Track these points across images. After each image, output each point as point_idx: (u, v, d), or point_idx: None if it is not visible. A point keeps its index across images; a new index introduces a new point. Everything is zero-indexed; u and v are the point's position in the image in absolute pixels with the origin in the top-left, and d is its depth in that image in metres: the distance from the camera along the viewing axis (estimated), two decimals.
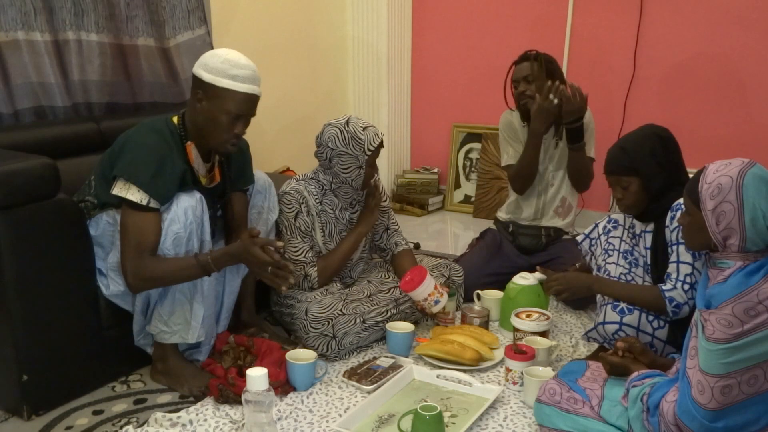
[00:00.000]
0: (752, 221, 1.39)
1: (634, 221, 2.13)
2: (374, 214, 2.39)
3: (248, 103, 1.91)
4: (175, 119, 1.98)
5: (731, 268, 1.41)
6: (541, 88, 2.60)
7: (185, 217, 1.89)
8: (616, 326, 1.98)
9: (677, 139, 2.02)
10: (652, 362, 1.66)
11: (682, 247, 1.88)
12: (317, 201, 2.30)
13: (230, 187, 2.15)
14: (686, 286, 1.88)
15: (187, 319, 1.97)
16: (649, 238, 2.07)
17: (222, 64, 1.86)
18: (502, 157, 2.86)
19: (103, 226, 1.99)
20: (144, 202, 1.85)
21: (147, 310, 2.01)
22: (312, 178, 2.34)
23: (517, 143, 2.80)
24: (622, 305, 2.00)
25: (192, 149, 1.97)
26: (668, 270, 1.93)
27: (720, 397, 1.35)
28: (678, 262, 1.90)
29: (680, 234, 1.84)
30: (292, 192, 2.28)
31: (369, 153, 2.22)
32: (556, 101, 2.54)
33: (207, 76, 1.87)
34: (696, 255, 1.85)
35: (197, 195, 1.94)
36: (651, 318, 1.97)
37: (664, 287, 1.91)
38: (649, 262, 2.06)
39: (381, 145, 2.27)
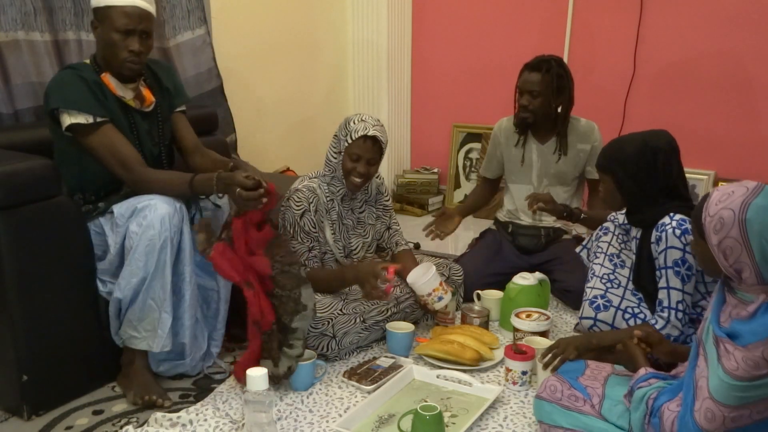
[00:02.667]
0: (763, 256, 1.29)
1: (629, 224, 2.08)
2: (368, 287, 2.12)
3: (134, 17, 1.95)
4: (87, 60, 2.07)
5: (755, 303, 1.31)
6: (546, 103, 2.57)
7: (161, 225, 1.87)
8: (591, 321, 1.99)
9: (677, 139, 1.95)
10: (672, 351, 1.63)
11: (671, 272, 1.83)
12: (328, 199, 2.29)
13: (169, 108, 2.21)
14: (680, 314, 1.83)
15: (155, 327, 1.95)
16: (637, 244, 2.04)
17: None
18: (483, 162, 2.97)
19: (93, 236, 2.01)
20: (91, 121, 1.93)
21: (119, 314, 1.99)
22: (324, 175, 2.32)
23: (492, 158, 2.86)
24: (599, 302, 2.00)
25: (108, 78, 2.03)
26: (659, 296, 1.87)
27: (730, 424, 1.31)
28: (668, 288, 1.84)
29: (668, 257, 1.81)
30: (304, 189, 2.26)
31: (349, 141, 2.19)
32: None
33: (94, 2, 1.96)
34: (685, 279, 1.80)
35: (176, 204, 1.93)
36: (627, 316, 1.96)
37: (657, 325, 1.84)
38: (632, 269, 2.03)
39: (372, 142, 2.18)
